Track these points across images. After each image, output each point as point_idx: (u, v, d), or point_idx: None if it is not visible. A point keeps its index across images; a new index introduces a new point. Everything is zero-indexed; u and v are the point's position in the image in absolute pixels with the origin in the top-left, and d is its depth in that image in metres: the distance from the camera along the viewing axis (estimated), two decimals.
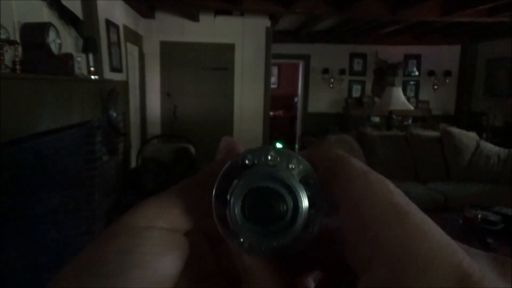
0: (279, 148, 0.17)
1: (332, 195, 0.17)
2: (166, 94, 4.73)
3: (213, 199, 0.17)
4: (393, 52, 6.23)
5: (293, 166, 0.17)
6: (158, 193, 0.19)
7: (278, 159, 0.17)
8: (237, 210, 0.16)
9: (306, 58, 6.27)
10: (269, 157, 0.17)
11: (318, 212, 0.17)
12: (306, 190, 0.16)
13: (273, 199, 0.16)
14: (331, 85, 6.28)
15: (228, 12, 4.54)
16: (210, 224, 0.18)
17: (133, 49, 4.07)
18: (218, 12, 4.54)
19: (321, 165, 0.18)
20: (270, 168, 0.17)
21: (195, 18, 4.46)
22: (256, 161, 0.17)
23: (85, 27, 2.42)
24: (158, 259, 0.17)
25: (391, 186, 0.16)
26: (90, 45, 2.41)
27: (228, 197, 0.16)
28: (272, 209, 0.16)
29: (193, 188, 0.19)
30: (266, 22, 4.67)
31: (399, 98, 4.47)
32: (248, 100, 4.81)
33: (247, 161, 0.17)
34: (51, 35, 1.83)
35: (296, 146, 6.69)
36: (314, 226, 0.17)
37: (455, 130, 4.05)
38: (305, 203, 0.16)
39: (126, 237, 0.17)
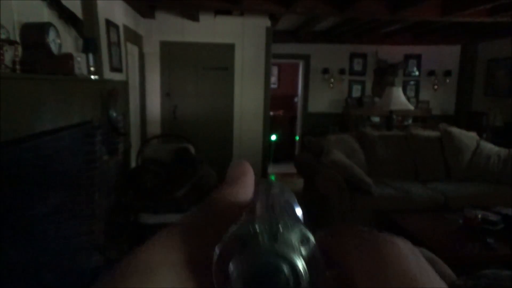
0: (274, 217, 0.18)
1: (337, 255, 0.17)
2: (166, 94, 4.73)
3: (213, 277, 0.17)
4: (393, 52, 6.23)
5: (287, 232, 0.17)
6: (169, 226, 0.20)
7: (280, 227, 0.17)
8: None
9: (306, 58, 6.27)
10: (270, 227, 0.17)
11: (320, 272, 0.17)
12: (303, 252, 0.17)
13: (274, 274, 0.16)
14: (331, 85, 6.28)
15: (228, 12, 4.54)
16: None
17: (133, 49, 4.07)
18: (218, 12, 4.54)
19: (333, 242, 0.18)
20: (266, 243, 0.17)
21: (195, 18, 4.46)
22: (253, 232, 0.17)
23: (85, 27, 2.42)
24: None
25: (404, 248, 0.16)
26: (90, 45, 2.42)
27: (229, 279, 0.17)
28: (274, 285, 0.16)
29: (205, 222, 0.19)
30: (266, 22, 4.67)
31: (399, 98, 4.47)
32: (248, 100, 4.81)
33: (250, 231, 0.17)
34: (51, 35, 1.83)
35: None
36: (319, 287, 0.17)
37: (455, 130, 4.05)
38: (303, 269, 0.16)
39: (141, 274, 0.17)
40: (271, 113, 5.66)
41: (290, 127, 7.11)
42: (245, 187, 0.22)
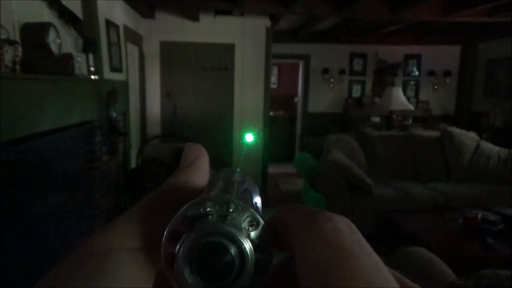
0: (224, 198, 0.18)
1: (284, 235, 0.17)
2: (166, 94, 4.73)
3: (162, 257, 0.17)
4: (393, 52, 6.23)
5: (236, 214, 0.17)
6: (126, 211, 0.19)
7: (230, 209, 0.17)
8: (186, 272, 0.16)
9: (306, 58, 6.27)
10: (219, 208, 0.17)
11: (267, 255, 0.17)
12: (252, 234, 0.17)
13: (219, 254, 0.16)
14: (331, 85, 6.28)
15: (228, 12, 4.54)
16: None
17: (133, 49, 4.07)
18: (218, 12, 4.54)
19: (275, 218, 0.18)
20: (214, 222, 0.17)
21: (195, 18, 4.46)
22: (203, 212, 0.17)
23: (85, 27, 2.42)
24: (127, 283, 0.17)
25: (340, 224, 0.16)
26: (90, 45, 2.42)
27: (175, 256, 0.17)
28: (219, 264, 0.16)
29: (160, 206, 0.19)
30: (266, 22, 4.67)
31: (399, 98, 4.47)
32: (248, 100, 4.81)
33: (200, 211, 0.17)
34: (51, 35, 1.83)
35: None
36: (266, 269, 0.17)
37: (455, 130, 4.06)
38: (250, 251, 0.17)
39: (96, 261, 0.17)
40: (271, 113, 5.66)
41: (290, 127, 7.12)
42: (200, 171, 0.22)
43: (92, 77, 2.43)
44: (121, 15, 3.51)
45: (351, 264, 0.14)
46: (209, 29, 4.60)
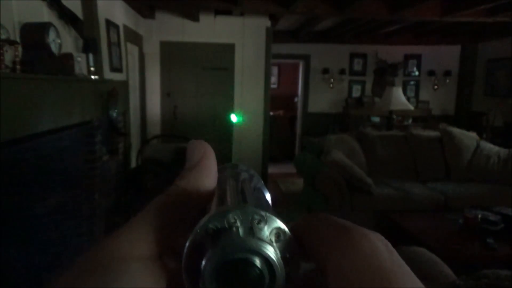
0: (248, 208, 0.17)
1: (312, 247, 0.16)
2: (166, 94, 4.73)
3: (183, 271, 0.17)
4: (393, 52, 6.23)
5: (262, 226, 0.16)
6: (135, 217, 0.18)
7: (256, 221, 0.16)
8: None
9: (306, 58, 6.27)
10: (238, 220, 0.16)
11: (295, 268, 0.17)
12: (279, 246, 0.16)
13: (247, 270, 0.16)
14: (331, 85, 6.28)
15: (228, 12, 4.54)
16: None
17: (133, 49, 4.07)
18: (218, 12, 4.54)
19: (304, 230, 0.17)
20: (240, 237, 0.16)
21: (195, 18, 4.46)
22: (227, 225, 0.16)
23: (85, 27, 2.42)
24: None
25: (377, 243, 0.15)
26: (90, 45, 2.42)
27: (201, 273, 0.16)
28: (248, 281, 0.16)
29: (172, 212, 0.18)
30: (266, 22, 4.67)
31: (399, 98, 4.47)
32: (248, 100, 4.81)
33: (224, 224, 0.16)
34: (51, 35, 1.83)
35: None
36: (294, 282, 0.17)
37: (455, 130, 4.05)
38: (279, 266, 0.16)
39: (106, 271, 0.16)
40: (271, 113, 5.66)
41: (290, 127, 7.11)
42: (208, 170, 0.21)
43: (92, 77, 2.43)
44: (121, 15, 3.51)
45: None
46: (209, 29, 4.60)
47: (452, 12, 3.77)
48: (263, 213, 0.16)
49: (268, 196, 0.24)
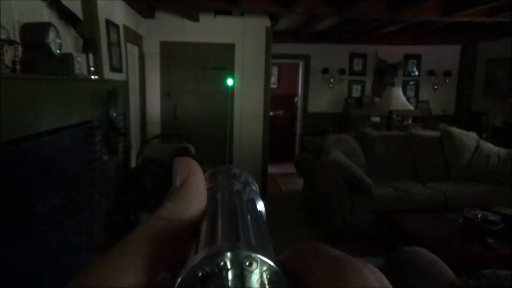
0: (240, 250, 0.16)
1: (303, 282, 0.16)
2: (166, 94, 4.73)
3: None
4: (393, 52, 6.23)
5: (254, 268, 0.16)
6: (123, 241, 0.18)
7: (247, 263, 0.16)
8: None
9: (306, 58, 6.27)
10: (227, 264, 0.16)
11: None
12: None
13: None
14: (331, 85, 6.28)
15: (228, 12, 4.54)
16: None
17: (133, 49, 4.07)
18: (218, 12, 4.54)
19: (296, 262, 0.17)
20: (234, 280, 0.16)
21: (195, 18, 4.46)
22: (217, 269, 0.16)
23: (85, 27, 2.42)
24: None
25: (371, 279, 0.15)
26: (90, 45, 2.41)
27: None
28: None
29: (158, 241, 0.18)
30: (266, 22, 4.67)
31: (399, 98, 4.47)
32: (248, 100, 4.81)
33: (213, 268, 0.16)
34: (51, 35, 1.83)
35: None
36: None
37: (455, 130, 4.06)
38: None
39: None
40: (271, 113, 5.66)
41: (290, 127, 7.12)
42: (196, 190, 0.20)
43: (92, 77, 2.43)
44: (121, 15, 3.51)
45: None
46: (209, 29, 4.60)
47: (452, 12, 3.77)
48: (254, 255, 0.16)
49: (261, 205, 0.23)
